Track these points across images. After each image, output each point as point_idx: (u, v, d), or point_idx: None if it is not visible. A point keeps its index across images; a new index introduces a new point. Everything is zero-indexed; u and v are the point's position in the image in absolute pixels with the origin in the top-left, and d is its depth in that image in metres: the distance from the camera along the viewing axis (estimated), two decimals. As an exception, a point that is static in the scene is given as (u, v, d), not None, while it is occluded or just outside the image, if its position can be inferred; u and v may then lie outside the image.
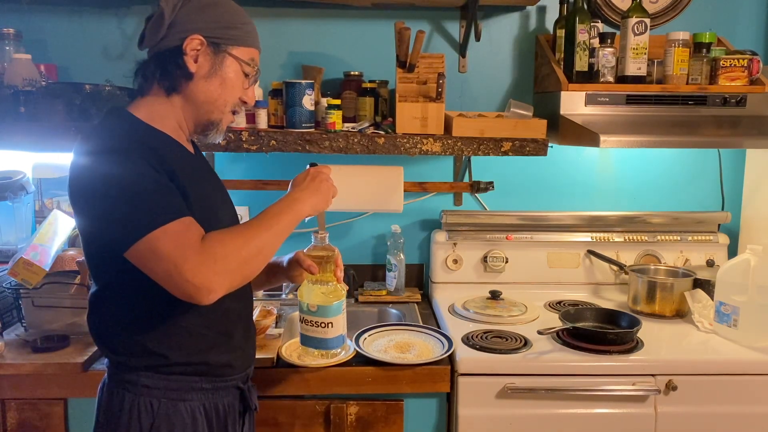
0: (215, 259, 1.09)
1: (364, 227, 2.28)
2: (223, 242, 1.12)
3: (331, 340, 1.46)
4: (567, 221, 2.21)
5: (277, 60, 2.14)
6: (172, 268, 1.07)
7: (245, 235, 1.16)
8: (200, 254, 1.08)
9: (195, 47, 1.22)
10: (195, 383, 1.25)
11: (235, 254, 1.12)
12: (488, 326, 1.88)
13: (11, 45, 1.89)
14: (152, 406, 1.21)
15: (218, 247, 1.10)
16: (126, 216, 1.09)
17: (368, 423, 1.66)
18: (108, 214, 1.11)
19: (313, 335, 1.44)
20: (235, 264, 1.11)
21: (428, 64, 1.97)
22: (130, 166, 1.12)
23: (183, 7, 1.23)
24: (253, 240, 1.15)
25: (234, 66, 1.27)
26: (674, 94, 1.91)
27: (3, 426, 1.61)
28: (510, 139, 1.86)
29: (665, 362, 1.68)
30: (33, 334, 1.73)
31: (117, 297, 1.22)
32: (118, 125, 1.22)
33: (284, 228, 1.23)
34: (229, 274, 1.11)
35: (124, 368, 1.23)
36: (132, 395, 1.22)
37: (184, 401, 1.24)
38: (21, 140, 1.72)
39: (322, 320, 1.43)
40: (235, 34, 1.26)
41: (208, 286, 1.08)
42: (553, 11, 2.15)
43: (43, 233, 1.80)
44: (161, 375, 1.22)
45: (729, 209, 2.27)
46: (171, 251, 1.07)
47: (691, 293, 1.95)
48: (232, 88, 1.28)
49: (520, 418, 1.65)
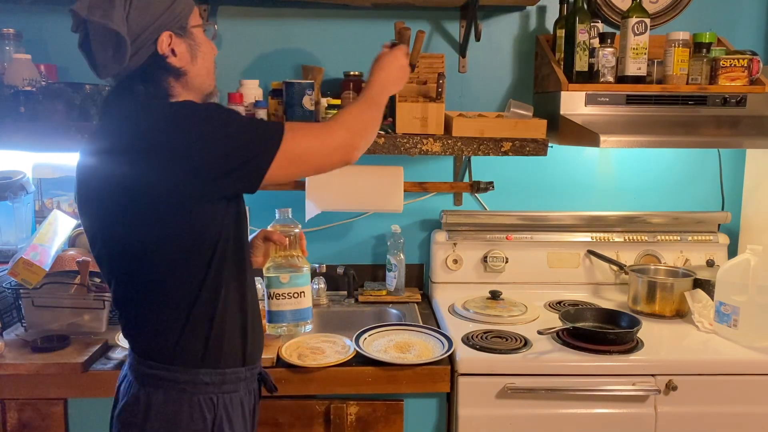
0: (345, 124, 1.29)
1: (364, 227, 2.28)
2: (346, 113, 1.32)
3: (305, 310, 1.52)
4: (567, 221, 2.21)
5: (277, 60, 2.14)
6: (319, 140, 1.25)
7: (357, 105, 1.36)
8: (331, 125, 1.28)
9: (168, 43, 1.22)
10: (240, 374, 1.28)
11: (360, 117, 1.33)
12: (488, 326, 1.88)
13: (11, 45, 1.90)
14: (213, 402, 1.23)
15: (344, 116, 1.31)
16: (255, 131, 1.19)
17: (368, 423, 1.66)
18: (233, 141, 1.16)
19: (286, 309, 1.49)
20: (360, 124, 1.31)
21: (428, 64, 1.97)
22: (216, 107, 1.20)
23: (129, 17, 1.18)
24: (367, 107, 1.36)
25: (199, 35, 1.29)
26: (674, 94, 1.91)
27: (3, 426, 1.61)
28: (510, 139, 1.86)
29: (665, 362, 1.68)
30: (33, 334, 1.73)
31: (168, 300, 1.20)
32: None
33: (385, 99, 1.44)
34: (360, 132, 1.30)
35: (179, 370, 1.21)
36: (189, 395, 1.21)
37: (236, 393, 1.27)
38: (21, 140, 1.72)
39: (295, 290, 1.48)
40: (182, 8, 1.24)
41: (351, 140, 1.28)
42: (553, 11, 2.15)
43: (43, 233, 1.80)
44: (217, 370, 1.24)
45: (729, 209, 2.27)
46: (309, 136, 1.24)
47: (691, 293, 1.96)
48: (207, 54, 1.31)
49: (520, 418, 1.65)
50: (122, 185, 1.15)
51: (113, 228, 1.20)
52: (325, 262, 2.17)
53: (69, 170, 2.11)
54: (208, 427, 1.21)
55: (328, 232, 2.26)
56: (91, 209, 1.23)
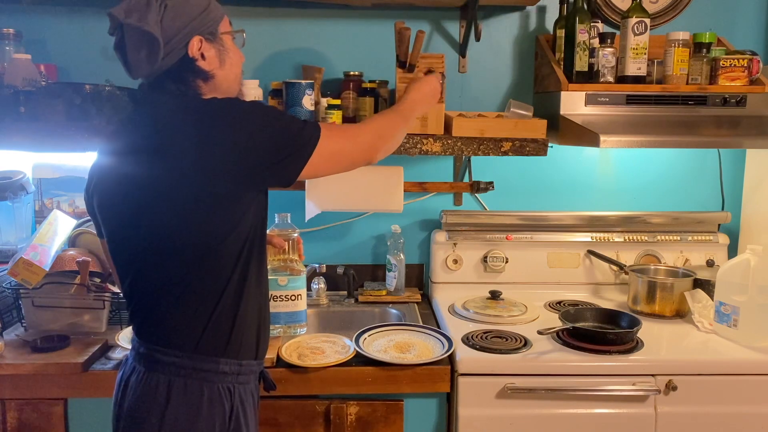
0: (372, 131, 1.41)
1: (364, 227, 2.28)
2: (374, 121, 1.45)
3: (300, 313, 1.60)
4: (567, 221, 2.21)
5: (277, 60, 2.14)
6: (356, 142, 1.36)
7: (386, 115, 1.49)
8: (361, 129, 1.39)
9: (198, 47, 1.26)
10: (253, 366, 1.34)
11: (387, 127, 1.45)
12: (488, 326, 1.88)
13: (11, 45, 1.89)
14: (230, 392, 1.27)
15: (373, 123, 1.43)
16: (296, 128, 1.26)
17: (368, 423, 1.66)
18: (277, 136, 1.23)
19: (283, 310, 1.58)
20: (387, 132, 1.43)
21: (428, 64, 1.97)
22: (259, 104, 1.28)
23: (164, 21, 1.22)
24: (397, 117, 1.49)
25: (228, 41, 1.33)
26: (674, 94, 1.91)
27: (3, 426, 1.61)
28: (510, 139, 1.86)
29: (665, 362, 1.68)
30: (33, 334, 1.73)
31: (198, 291, 1.24)
32: None
33: (411, 120, 1.58)
34: (384, 139, 1.42)
35: (203, 359, 1.25)
36: (210, 384, 1.25)
37: (248, 384, 1.32)
38: (21, 140, 1.72)
39: (292, 293, 1.58)
40: (212, 14, 1.29)
41: (374, 143, 1.39)
42: (553, 11, 2.15)
43: (43, 233, 1.80)
44: (236, 360, 1.28)
45: (729, 209, 2.27)
46: (341, 138, 1.33)
47: (691, 293, 1.96)
48: (236, 60, 1.36)
49: (520, 418, 1.65)
50: (160, 180, 1.19)
51: (146, 223, 1.22)
52: (325, 262, 2.17)
53: (69, 170, 2.12)
54: (227, 413, 1.26)
55: (328, 232, 2.26)
56: (118, 206, 1.26)
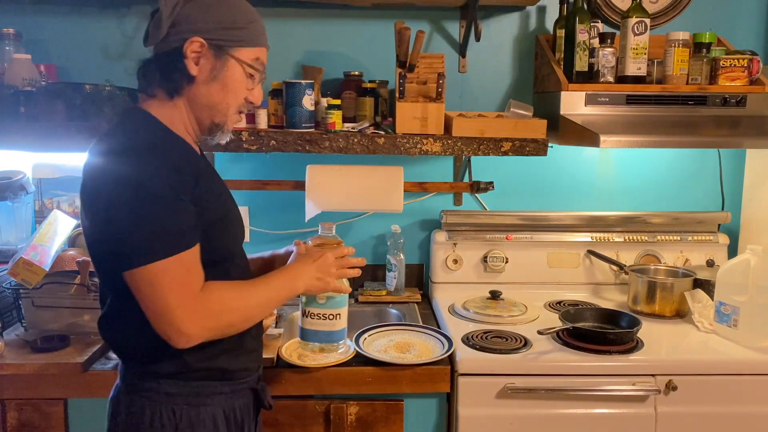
0: (210, 315, 1.14)
1: (364, 227, 2.28)
2: (223, 301, 1.17)
3: (337, 333, 1.45)
4: (567, 221, 2.21)
5: (277, 60, 2.13)
6: (165, 307, 1.09)
7: (246, 300, 1.21)
8: (199, 303, 1.12)
9: (195, 50, 1.18)
10: (215, 387, 1.25)
11: (228, 315, 1.18)
12: (488, 326, 1.88)
13: (11, 45, 1.89)
14: (174, 414, 1.20)
15: (217, 305, 1.16)
16: (133, 236, 1.08)
17: (368, 423, 1.66)
18: (115, 227, 1.09)
19: (318, 329, 1.42)
20: (224, 324, 1.18)
21: (428, 64, 1.97)
22: (148, 177, 1.09)
23: (184, 7, 1.17)
24: (248, 309, 1.22)
25: (237, 68, 1.22)
26: (674, 94, 1.91)
27: (3, 426, 1.61)
28: (510, 139, 1.86)
29: (665, 362, 1.68)
30: (33, 334, 1.73)
31: (135, 305, 1.14)
32: (140, 126, 1.19)
33: (276, 304, 1.33)
34: (214, 332, 1.17)
35: (144, 376, 1.21)
36: (153, 403, 1.20)
37: (205, 406, 1.23)
38: (21, 140, 1.72)
39: (330, 312, 1.41)
40: (238, 34, 1.21)
41: (190, 336, 1.12)
42: (553, 11, 2.15)
43: (43, 233, 1.80)
44: (183, 381, 1.21)
45: (729, 209, 2.27)
46: (172, 290, 1.09)
47: (691, 293, 1.95)
48: (236, 91, 1.24)
49: (520, 418, 1.65)
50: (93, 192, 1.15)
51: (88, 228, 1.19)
52: (325, 262, 2.17)
53: (69, 170, 2.12)
54: None
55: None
56: (83, 210, 1.23)
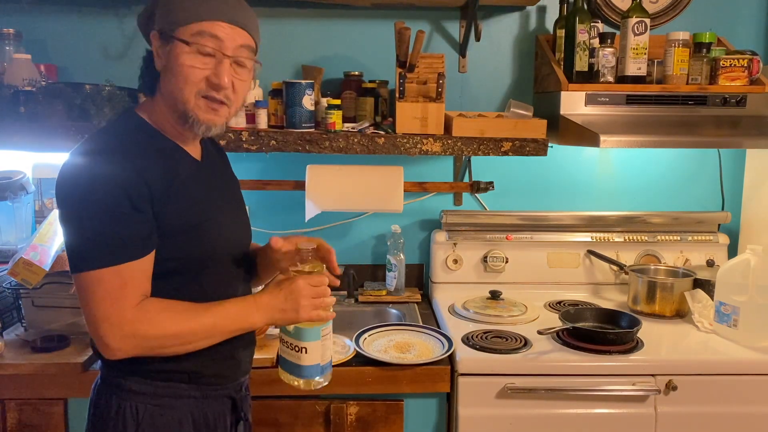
0: (136, 334, 1.10)
1: (364, 227, 2.28)
2: (155, 323, 1.11)
3: (305, 368, 1.25)
4: (567, 221, 2.20)
5: (277, 60, 2.14)
6: (93, 317, 1.08)
7: (183, 325, 1.13)
8: (127, 320, 1.09)
9: (156, 44, 1.18)
10: (182, 390, 1.22)
11: (160, 340, 1.12)
12: (488, 326, 1.88)
13: (11, 45, 1.89)
14: (137, 411, 1.18)
15: (147, 325, 1.10)
16: (76, 241, 1.09)
17: (368, 423, 1.66)
18: (65, 229, 1.11)
19: (287, 358, 1.28)
20: (153, 345, 1.12)
21: (428, 64, 1.97)
22: (102, 183, 1.09)
23: (156, 6, 1.19)
24: (184, 335, 1.14)
25: (181, 48, 1.14)
26: (674, 94, 1.91)
27: (3, 426, 1.61)
28: (510, 139, 1.86)
29: (665, 362, 1.68)
30: (33, 334, 1.73)
31: None
32: (120, 130, 1.19)
33: (228, 334, 1.19)
34: (142, 350, 1.12)
35: (112, 371, 1.21)
36: (119, 399, 1.19)
37: (171, 408, 1.20)
38: (21, 140, 1.72)
39: (296, 343, 1.25)
40: (176, 15, 1.15)
41: (113, 350, 1.09)
42: (553, 11, 2.15)
43: (43, 233, 1.80)
44: (147, 380, 1.19)
45: (729, 209, 2.27)
46: (103, 301, 1.08)
47: (691, 293, 1.95)
48: (186, 74, 1.14)
49: (520, 418, 1.65)
50: (58, 191, 1.16)
51: None
52: (325, 262, 2.17)
53: (69, 170, 2.11)
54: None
55: (328, 232, 2.26)
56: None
